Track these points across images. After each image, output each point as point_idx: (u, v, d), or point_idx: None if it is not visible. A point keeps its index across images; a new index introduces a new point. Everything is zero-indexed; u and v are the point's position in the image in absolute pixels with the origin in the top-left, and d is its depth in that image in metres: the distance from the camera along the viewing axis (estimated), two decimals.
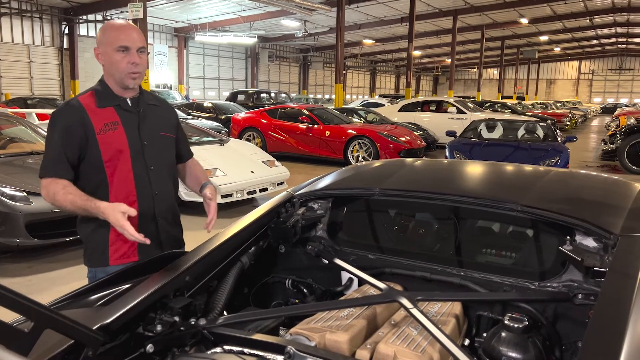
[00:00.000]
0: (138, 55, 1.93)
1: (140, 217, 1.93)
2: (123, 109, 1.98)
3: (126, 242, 1.98)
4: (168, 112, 2.17)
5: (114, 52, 1.91)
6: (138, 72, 1.95)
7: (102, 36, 1.95)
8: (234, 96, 19.93)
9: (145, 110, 2.03)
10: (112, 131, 1.93)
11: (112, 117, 1.95)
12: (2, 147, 5.76)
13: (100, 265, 2.01)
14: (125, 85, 1.95)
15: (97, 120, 1.92)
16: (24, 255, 4.74)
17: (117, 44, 1.90)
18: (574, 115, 25.37)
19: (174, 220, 2.13)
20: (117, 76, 1.94)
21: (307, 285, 2.05)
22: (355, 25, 26.88)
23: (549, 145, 8.95)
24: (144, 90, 2.11)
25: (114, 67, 1.93)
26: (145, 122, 2.01)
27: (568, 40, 38.04)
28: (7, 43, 20.45)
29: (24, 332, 1.05)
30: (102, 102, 1.96)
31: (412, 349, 1.40)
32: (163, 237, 2.05)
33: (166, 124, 2.12)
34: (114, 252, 1.98)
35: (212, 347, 1.44)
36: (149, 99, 2.09)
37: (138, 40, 1.93)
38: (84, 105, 1.93)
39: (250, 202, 7.05)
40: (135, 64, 1.92)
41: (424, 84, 54.99)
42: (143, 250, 1.99)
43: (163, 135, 2.07)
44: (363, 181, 2.28)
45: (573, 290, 1.62)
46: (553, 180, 2.17)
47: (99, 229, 1.96)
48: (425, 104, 16.22)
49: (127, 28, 1.95)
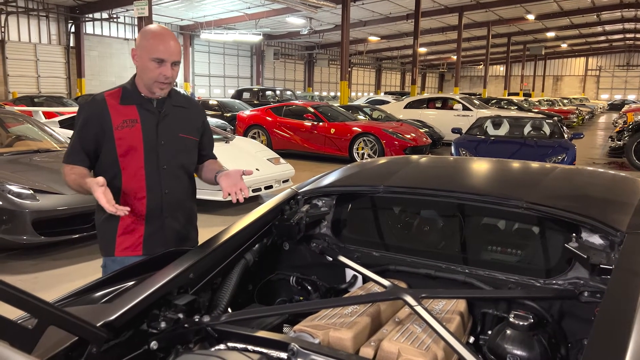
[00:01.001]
0: (171, 69, 1.97)
1: (147, 213, 2.03)
2: (144, 109, 2.03)
3: (132, 236, 2.04)
4: (194, 115, 2.19)
5: (149, 60, 1.95)
6: (167, 84, 2.00)
7: (142, 41, 1.98)
8: (240, 94, 19.95)
9: (167, 111, 2.07)
10: (129, 128, 1.99)
11: (132, 114, 2.01)
12: (9, 145, 5.79)
13: (107, 254, 2.08)
14: (153, 91, 2.01)
15: (116, 116, 1.99)
16: (30, 252, 4.76)
17: (154, 55, 1.94)
18: (581, 112, 25.22)
19: (185, 220, 2.16)
20: (146, 82, 1.99)
21: (311, 282, 2.05)
22: (361, 22, 26.82)
23: (555, 142, 8.90)
24: (176, 92, 2.16)
25: (146, 73, 1.97)
26: (164, 123, 2.05)
27: (575, 36, 37.80)
28: (14, 42, 20.56)
29: (27, 329, 1.06)
30: (126, 100, 2.02)
31: (417, 347, 1.39)
32: (169, 234, 2.08)
33: (188, 126, 2.14)
34: (120, 243, 2.04)
35: (216, 344, 1.44)
36: (177, 101, 2.13)
37: (175, 54, 1.97)
38: (107, 101, 2.01)
39: (255, 200, 7.06)
40: (166, 76, 1.97)
41: (430, 81, 54.83)
42: (148, 246, 2.04)
43: (182, 136, 2.10)
44: (367, 178, 2.28)
45: (579, 288, 1.61)
46: (559, 177, 2.16)
47: (108, 219, 2.03)
48: (431, 101, 16.16)
49: (167, 39, 1.97)
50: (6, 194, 4.42)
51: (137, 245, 2.04)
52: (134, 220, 2.03)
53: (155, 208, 2.04)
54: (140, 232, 2.04)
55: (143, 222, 2.03)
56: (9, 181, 4.53)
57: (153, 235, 2.05)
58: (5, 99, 18.33)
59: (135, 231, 2.04)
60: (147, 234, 2.04)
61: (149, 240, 2.04)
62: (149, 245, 2.04)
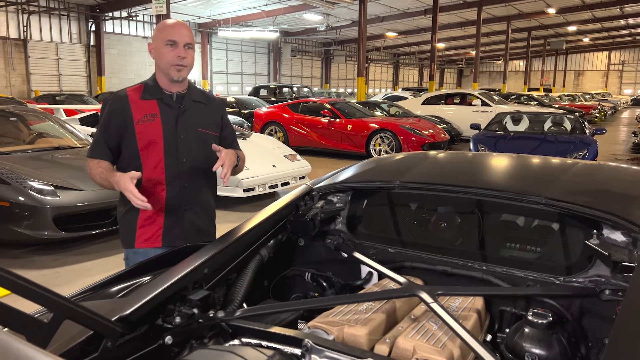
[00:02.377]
0: (185, 50, 2.04)
1: (167, 205, 2.08)
2: (165, 103, 2.09)
3: (152, 228, 2.10)
4: (214, 110, 2.24)
5: (163, 46, 2.03)
6: (183, 66, 2.05)
7: (155, 32, 2.09)
8: (257, 91, 20.02)
9: (187, 106, 2.12)
10: (150, 122, 2.05)
11: (153, 109, 2.07)
12: (30, 142, 5.89)
13: (128, 246, 2.14)
14: (171, 76, 2.06)
15: (137, 111, 2.06)
16: (51, 247, 4.84)
17: (166, 38, 2.03)
18: (603, 107, 24.75)
19: (203, 213, 2.20)
20: (163, 68, 2.06)
21: (326, 278, 2.05)
22: (378, 18, 26.66)
23: (576, 137, 8.74)
24: (195, 87, 2.22)
25: (161, 59, 2.05)
26: (184, 117, 2.11)
27: (597, 30, 37.02)
28: (36, 41, 20.92)
29: (43, 323, 1.07)
30: (147, 95, 2.09)
31: (432, 344, 1.37)
32: (187, 227, 2.13)
33: (207, 121, 2.19)
34: (140, 235, 2.10)
35: (230, 340, 1.44)
36: (196, 97, 2.18)
37: (186, 36, 2.06)
38: (129, 96, 2.08)
39: (272, 196, 7.07)
40: (181, 57, 2.03)
41: (448, 77, 54.32)
42: (167, 238, 2.10)
43: (201, 131, 2.15)
44: (383, 174, 2.26)
45: (600, 286, 1.57)
46: (579, 172, 2.11)
47: (129, 212, 2.10)
48: (449, 97, 16.01)
49: (177, 25, 2.08)
50: (28, 190, 4.50)
51: (156, 237, 2.10)
52: (154, 212, 2.08)
53: (175, 201, 2.09)
54: (159, 224, 2.09)
55: (162, 214, 2.09)
56: (30, 177, 4.61)
57: (172, 228, 2.10)
58: (27, 97, 18.68)
59: (154, 223, 2.09)
60: (166, 226, 2.10)
61: (168, 233, 2.10)
62: (168, 237, 2.10)
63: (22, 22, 20.25)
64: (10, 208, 4.46)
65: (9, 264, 4.43)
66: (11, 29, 20.04)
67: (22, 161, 4.98)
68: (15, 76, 20.33)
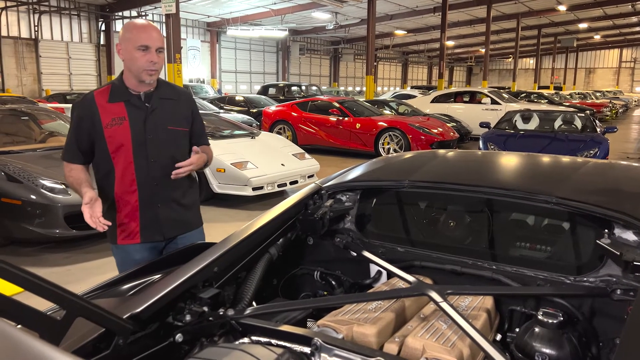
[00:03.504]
0: (157, 55, 2.07)
1: (140, 204, 2.14)
2: (132, 105, 2.12)
3: (130, 225, 2.17)
4: (184, 105, 2.26)
5: (135, 50, 2.04)
6: (155, 70, 2.08)
7: (125, 34, 2.09)
8: (265, 90, 20.04)
9: (155, 105, 2.14)
10: (118, 126, 2.09)
11: (121, 112, 2.10)
12: (42, 141, 5.95)
13: (112, 242, 2.22)
14: (142, 80, 2.08)
15: (105, 115, 2.10)
16: (63, 245, 4.89)
17: (138, 43, 2.04)
18: (615, 105, 24.49)
19: (179, 207, 2.23)
20: (135, 72, 2.08)
21: (336, 277, 2.05)
22: (387, 16, 26.57)
23: (587, 136, 8.66)
24: (163, 84, 2.23)
25: (133, 63, 2.06)
26: (152, 117, 2.13)
27: (609, 27, 36.62)
28: (47, 40, 21.09)
29: (56, 320, 1.08)
30: (114, 98, 2.12)
31: (442, 343, 1.37)
32: (164, 222, 2.19)
33: (177, 118, 2.22)
34: (120, 232, 2.18)
35: (240, 338, 1.44)
36: (164, 94, 2.19)
37: (158, 41, 2.08)
38: (96, 101, 2.11)
39: (281, 195, 7.08)
40: (153, 62, 2.06)
41: (457, 75, 54.03)
42: (145, 234, 2.17)
43: (171, 129, 2.18)
44: (392, 173, 2.25)
45: (611, 286, 1.56)
46: (590, 171, 2.10)
47: (109, 210, 2.18)
48: (459, 95, 15.92)
49: (148, 28, 2.09)
50: (40, 188, 4.54)
51: (134, 234, 2.17)
52: (129, 212, 2.15)
53: (147, 199, 2.15)
54: (136, 222, 2.16)
55: (137, 213, 2.16)
56: (42, 176, 4.65)
57: (149, 225, 2.17)
58: (38, 96, 18.84)
59: (131, 222, 2.16)
60: (142, 223, 2.16)
61: (145, 229, 2.17)
62: (146, 233, 2.17)
63: (33, 22, 20.43)
64: (22, 206, 4.51)
65: (20, 261, 4.47)
66: (22, 29, 20.23)
67: (34, 160, 5.02)
68: (26, 75, 20.52)
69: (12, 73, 20.00)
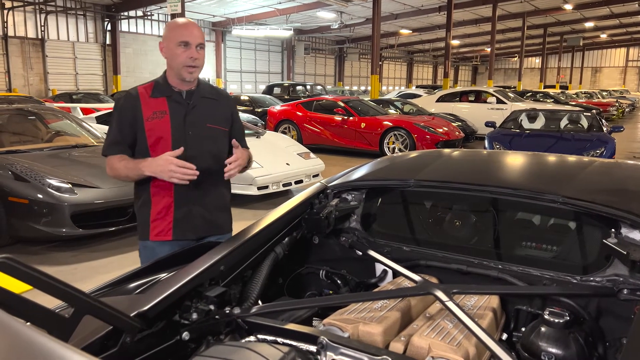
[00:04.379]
0: (197, 51, 2.08)
1: (176, 200, 2.13)
2: (174, 100, 2.13)
3: (163, 221, 2.15)
4: (224, 106, 2.28)
5: (176, 46, 2.06)
6: (195, 67, 2.09)
7: (167, 32, 2.12)
8: (270, 89, 20.06)
9: (195, 102, 2.16)
10: (159, 119, 2.10)
11: (162, 106, 2.12)
12: (49, 140, 5.98)
13: (142, 238, 2.20)
14: (183, 77, 2.10)
15: (147, 108, 2.11)
16: (69, 244, 4.92)
17: (178, 39, 2.06)
18: (621, 105, 24.36)
19: (214, 207, 2.23)
20: (176, 68, 2.09)
21: (341, 276, 2.05)
22: (392, 15, 26.53)
23: (593, 135, 8.62)
24: (205, 84, 2.25)
25: (174, 60, 2.08)
26: (192, 114, 2.15)
27: (615, 26, 36.42)
28: (54, 40, 21.19)
29: (65, 318, 1.09)
30: (157, 93, 2.14)
31: (448, 342, 1.37)
32: (197, 221, 2.17)
33: (217, 117, 2.22)
34: (154, 228, 2.16)
35: (246, 336, 1.45)
36: (205, 93, 2.22)
37: (198, 37, 2.09)
38: (140, 94, 2.13)
39: (286, 194, 7.09)
40: (193, 58, 2.07)
41: (463, 74, 53.88)
42: (177, 231, 2.15)
43: (210, 127, 2.18)
44: (398, 172, 2.25)
45: (618, 285, 1.55)
46: (597, 170, 2.09)
47: (143, 206, 2.17)
48: (464, 94, 15.87)
49: (189, 25, 2.11)
50: (46, 187, 4.57)
51: (167, 230, 2.15)
52: (164, 206, 2.14)
53: (183, 196, 2.14)
54: (170, 218, 2.14)
55: (172, 208, 2.14)
56: (49, 175, 4.68)
57: (182, 222, 2.15)
58: (45, 96, 18.94)
59: (165, 217, 2.15)
60: (176, 220, 2.14)
61: (178, 226, 2.15)
62: (178, 230, 2.15)
63: (39, 22, 20.54)
64: (29, 205, 4.54)
65: (27, 260, 4.50)
66: (29, 29, 20.34)
67: (41, 159, 5.05)
68: (33, 75, 20.63)
69: (18, 73, 20.12)
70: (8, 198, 4.59)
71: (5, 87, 19.48)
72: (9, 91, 18.78)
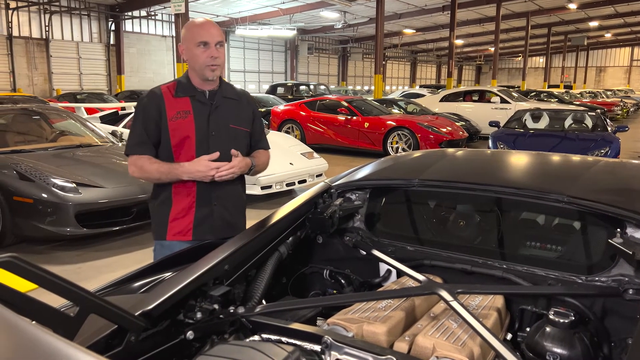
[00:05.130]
0: (216, 49, 2.08)
1: (197, 200, 2.13)
2: (197, 100, 2.13)
3: (183, 221, 2.14)
4: (245, 106, 2.28)
5: (195, 47, 2.07)
6: (217, 65, 2.09)
7: (186, 34, 2.11)
8: (274, 89, 20.06)
9: (218, 103, 2.16)
10: (183, 119, 2.10)
11: (186, 106, 2.12)
12: (53, 140, 6.00)
13: (159, 238, 2.19)
14: (205, 77, 2.10)
15: (171, 107, 2.11)
16: (74, 243, 4.93)
17: (197, 40, 2.06)
18: (626, 104, 24.27)
19: (233, 208, 2.23)
20: (197, 69, 2.10)
21: (345, 276, 2.05)
22: (396, 15, 26.50)
23: (598, 135, 8.59)
24: (226, 84, 2.25)
25: (195, 60, 2.08)
26: (216, 114, 2.15)
27: (620, 25, 36.26)
28: (58, 40, 21.26)
29: (70, 317, 1.09)
30: (180, 93, 2.14)
31: (452, 342, 1.37)
32: (217, 222, 2.17)
33: (239, 117, 2.22)
34: (172, 228, 2.15)
35: (250, 335, 1.45)
36: (227, 93, 2.21)
37: (217, 35, 2.09)
38: (163, 94, 2.13)
39: (289, 194, 7.09)
40: (213, 57, 2.07)
41: (466, 74, 53.77)
42: (197, 232, 2.14)
43: (233, 127, 2.19)
44: (402, 172, 2.25)
45: (623, 285, 1.55)
46: (602, 170, 2.08)
47: (162, 205, 2.16)
48: (468, 94, 15.83)
49: (206, 25, 2.11)
50: (51, 187, 4.58)
51: (187, 230, 2.14)
52: (185, 206, 2.13)
53: (205, 196, 2.14)
54: (190, 218, 2.14)
55: (193, 208, 2.13)
56: (53, 175, 4.69)
57: (202, 222, 2.14)
58: (49, 96, 19.01)
59: (186, 217, 2.14)
60: (197, 220, 2.14)
61: (198, 227, 2.14)
62: (199, 231, 2.14)
63: (44, 22, 20.60)
64: (33, 205, 4.55)
65: (32, 259, 4.47)
66: (33, 29, 20.40)
67: (45, 159, 5.07)
68: (37, 75, 20.70)
69: (23, 73, 20.19)
70: (13, 197, 4.61)
71: (9, 87, 19.56)
72: (13, 91, 18.86)
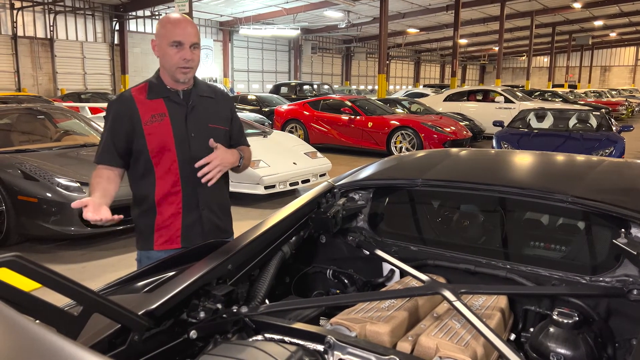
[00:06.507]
0: (191, 51, 1.94)
1: (184, 206, 2.02)
2: (172, 101, 2.00)
3: (170, 229, 2.03)
4: (223, 104, 2.15)
5: (168, 46, 1.92)
6: (189, 68, 1.96)
7: (159, 29, 1.97)
8: (277, 88, 20.09)
9: (195, 102, 2.04)
10: (159, 122, 1.97)
11: (160, 108, 1.99)
12: (57, 139, 6.02)
13: (145, 248, 2.08)
14: (176, 78, 1.98)
15: (144, 111, 1.97)
16: (78, 243, 4.95)
17: (171, 39, 1.91)
18: (631, 104, 24.17)
19: (221, 211, 2.14)
20: (168, 69, 1.97)
21: (348, 275, 2.04)
22: (399, 15, 26.47)
23: (602, 135, 8.55)
24: (201, 82, 2.13)
25: (166, 60, 1.95)
26: (193, 114, 2.03)
27: (625, 24, 36.10)
28: (62, 40, 21.33)
29: (73, 316, 1.10)
30: (153, 94, 2.00)
31: (455, 342, 1.37)
32: (206, 226, 2.07)
33: (217, 116, 2.11)
34: (159, 237, 2.04)
35: (253, 335, 1.45)
36: (203, 91, 2.09)
37: (192, 36, 1.94)
38: (135, 97, 1.99)
39: (293, 194, 7.10)
40: (186, 59, 1.93)
41: (470, 74, 53.66)
42: (186, 239, 2.04)
43: (212, 127, 2.07)
44: (405, 171, 2.24)
45: (628, 286, 1.54)
46: (606, 170, 2.07)
47: (145, 214, 2.04)
48: (472, 94, 15.80)
49: (183, 23, 1.94)
50: (55, 186, 4.60)
51: (175, 238, 2.04)
52: (171, 214, 2.02)
53: (191, 201, 2.03)
54: (177, 225, 2.03)
55: (180, 215, 2.02)
56: (58, 174, 4.71)
57: (190, 228, 2.04)
58: (54, 96, 19.07)
59: (172, 225, 2.03)
60: (184, 226, 2.03)
61: (186, 234, 2.03)
62: (187, 237, 2.03)
63: (48, 22, 20.68)
64: (38, 204, 4.57)
65: (36, 258, 4.52)
66: (38, 29, 20.48)
67: (50, 158, 5.09)
68: (42, 75, 20.78)
69: (27, 72, 20.27)
70: (17, 197, 4.63)
71: (14, 87, 19.64)
72: (18, 91, 18.93)
